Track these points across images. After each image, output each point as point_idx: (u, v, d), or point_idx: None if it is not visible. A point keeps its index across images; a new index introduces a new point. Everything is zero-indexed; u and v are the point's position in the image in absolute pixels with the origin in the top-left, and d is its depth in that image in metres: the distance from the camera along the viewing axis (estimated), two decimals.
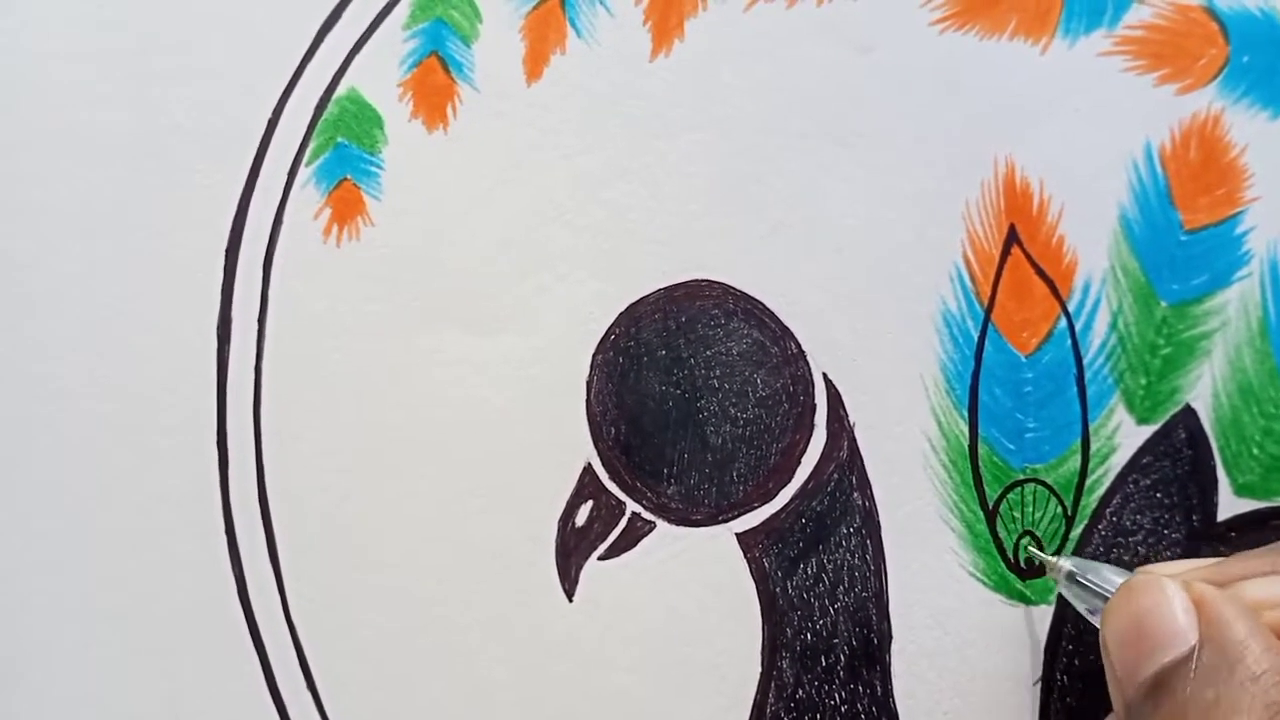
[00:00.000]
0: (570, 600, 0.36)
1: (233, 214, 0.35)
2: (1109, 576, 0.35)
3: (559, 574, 0.36)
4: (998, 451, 0.39)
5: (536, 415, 0.36)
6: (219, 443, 0.35)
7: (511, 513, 0.36)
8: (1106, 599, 0.34)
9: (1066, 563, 0.35)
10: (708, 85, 0.39)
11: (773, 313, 0.38)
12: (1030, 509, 0.39)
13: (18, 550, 0.33)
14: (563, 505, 0.36)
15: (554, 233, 0.37)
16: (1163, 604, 0.31)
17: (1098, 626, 0.34)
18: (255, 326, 0.35)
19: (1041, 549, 0.39)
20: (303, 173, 0.36)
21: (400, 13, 0.37)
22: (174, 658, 0.33)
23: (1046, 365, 0.39)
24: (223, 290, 0.35)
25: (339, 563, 0.35)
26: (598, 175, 0.38)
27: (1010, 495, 0.39)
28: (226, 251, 0.35)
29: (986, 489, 0.39)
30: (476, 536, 0.36)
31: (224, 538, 0.34)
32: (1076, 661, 0.38)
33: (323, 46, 0.36)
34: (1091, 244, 0.40)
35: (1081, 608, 0.35)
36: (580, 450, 0.37)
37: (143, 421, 0.34)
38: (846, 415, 0.38)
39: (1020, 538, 0.38)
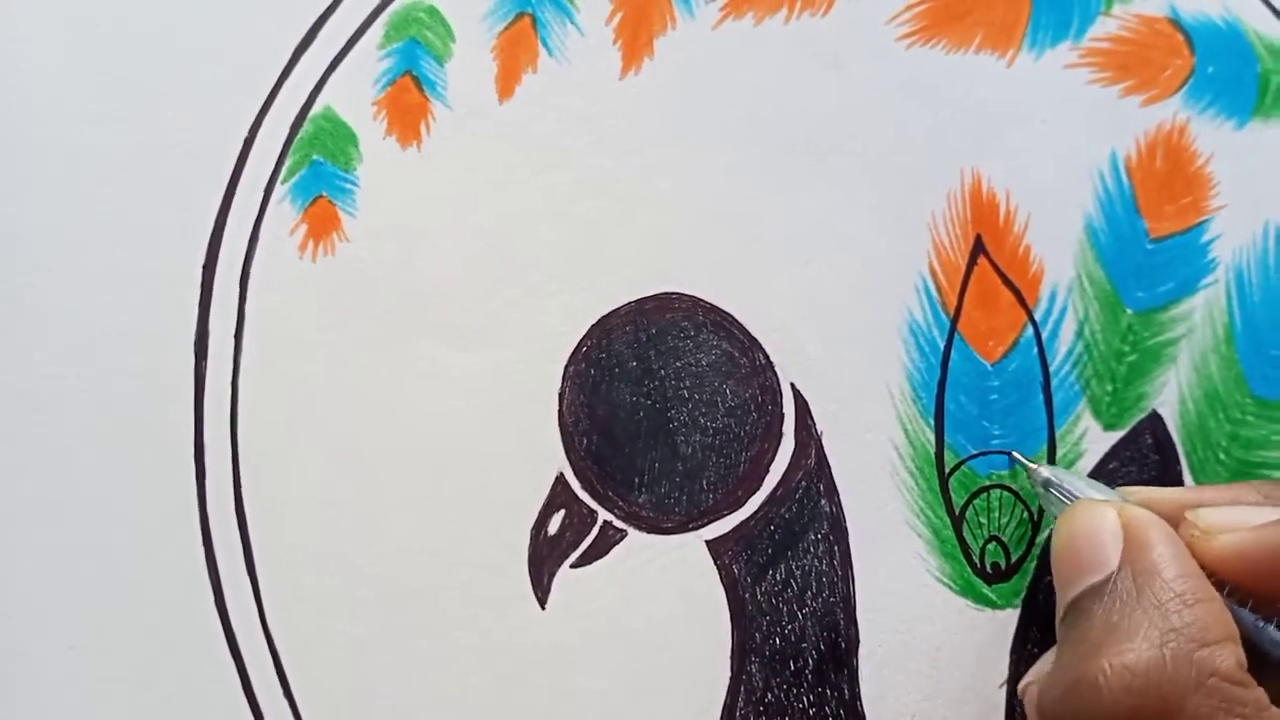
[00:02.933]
0: (543, 608, 0.36)
1: (210, 230, 0.35)
2: (1083, 489, 0.35)
3: (532, 582, 0.36)
4: (964, 458, 0.39)
5: (509, 426, 0.36)
6: (196, 456, 0.35)
7: (485, 522, 0.36)
8: None
9: (1045, 470, 0.36)
10: (678, 102, 0.38)
11: (741, 324, 0.38)
12: (997, 515, 0.39)
13: None
14: (535, 514, 0.36)
15: (526, 247, 0.37)
16: (1094, 527, 0.32)
17: None
18: (232, 341, 0.35)
19: (1008, 555, 0.39)
20: (279, 190, 0.36)
21: (375, 33, 0.37)
22: (152, 667, 0.34)
23: (1013, 373, 0.39)
24: (200, 306, 0.35)
25: (315, 572, 0.35)
26: (569, 190, 0.38)
27: (977, 501, 0.39)
28: (203, 267, 0.35)
29: (953, 495, 0.39)
30: (450, 545, 0.36)
31: (201, 548, 0.34)
32: None
33: (298, 66, 0.37)
34: (1058, 253, 0.40)
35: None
36: (553, 460, 0.37)
37: (120, 435, 0.34)
38: (814, 424, 0.38)
39: (986, 543, 0.39)
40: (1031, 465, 0.37)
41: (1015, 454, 0.38)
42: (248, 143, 0.36)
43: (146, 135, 0.36)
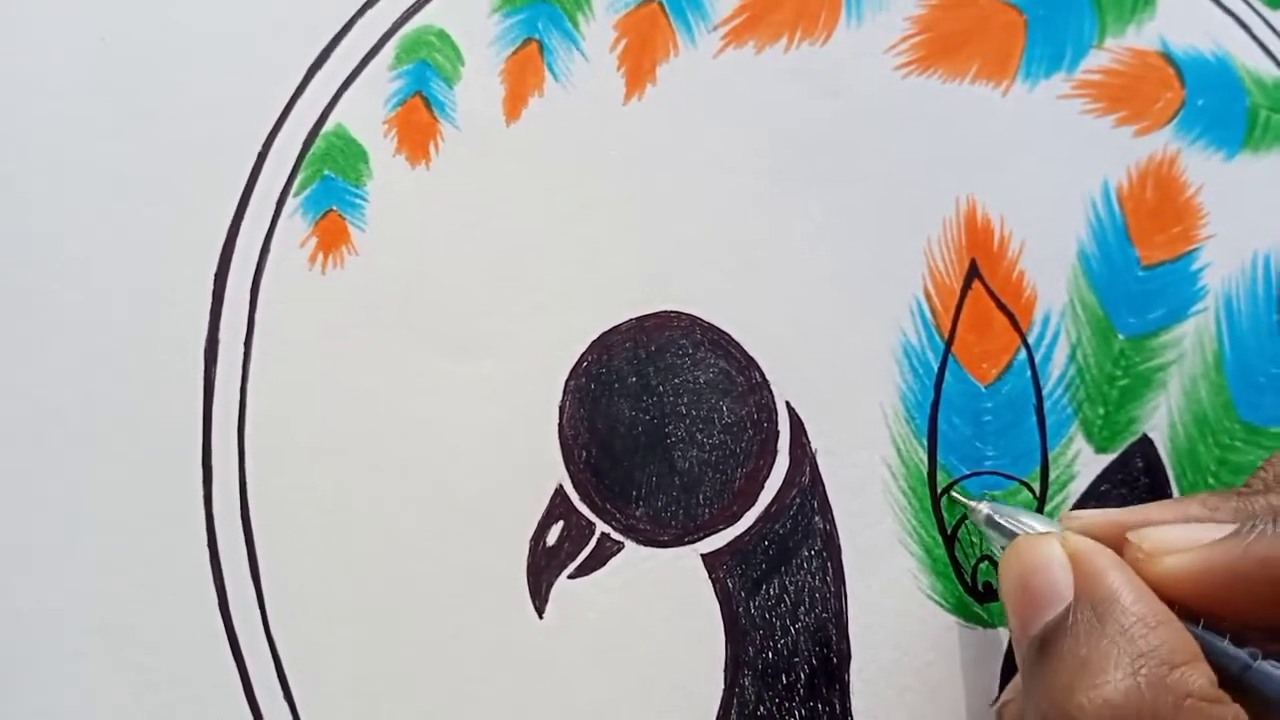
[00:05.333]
0: (540, 617, 0.37)
1: (223, 241, 0.37)
2: (1025, 522, 0.34)
3: (530, 592, 0.37)
4: (956, 478, 0.40)
5: (511, 438, 0.37)
6: (204, 461, 0.36)
7: (485, 531, 0.37)
8: None
9: (985, 507, 0.35)
10: (679, 127, 0.39)
11: (738, 343, 0.39)
12: None
13: (6, 562, 0.34)
14: (534, 525, 0.37)
15: (530, 264, 0.39)
16: (1043, 561, 0.31)
17: None
18: (242, 349, 0.36)
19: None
20: (290, 203, 0.37)
21: (386, 54, 0.39)
22: (157, 669, 0.34)
23: (1006, 395, 0.40)
24: (211, 314, 0.36)
25: (317, 578, 0.36)
26: (573, 210, 0.39)
27: (968, 521, 0.40)
28: (215, 276, 0.36)
29: (945, 515, 0.40)
30: (451, 554, 0.36)
31: (206, 552, 0.35)
32: None
33: (312, 84, 0.38)
34: (1051, 279, 0.41)
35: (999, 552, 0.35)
36: (552, 472, 0.37)
37: (131, 438, 0.35)
38: (809, 442, 0.39)
39: (978, 562, 0.39)
40: (971, 504, 0.36)
41: (955, 493, 0.39)
42: (261, 157, 0.37)
43: (165, 148, 0.37)
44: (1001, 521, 0.35)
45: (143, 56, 0.37)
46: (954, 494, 0.38)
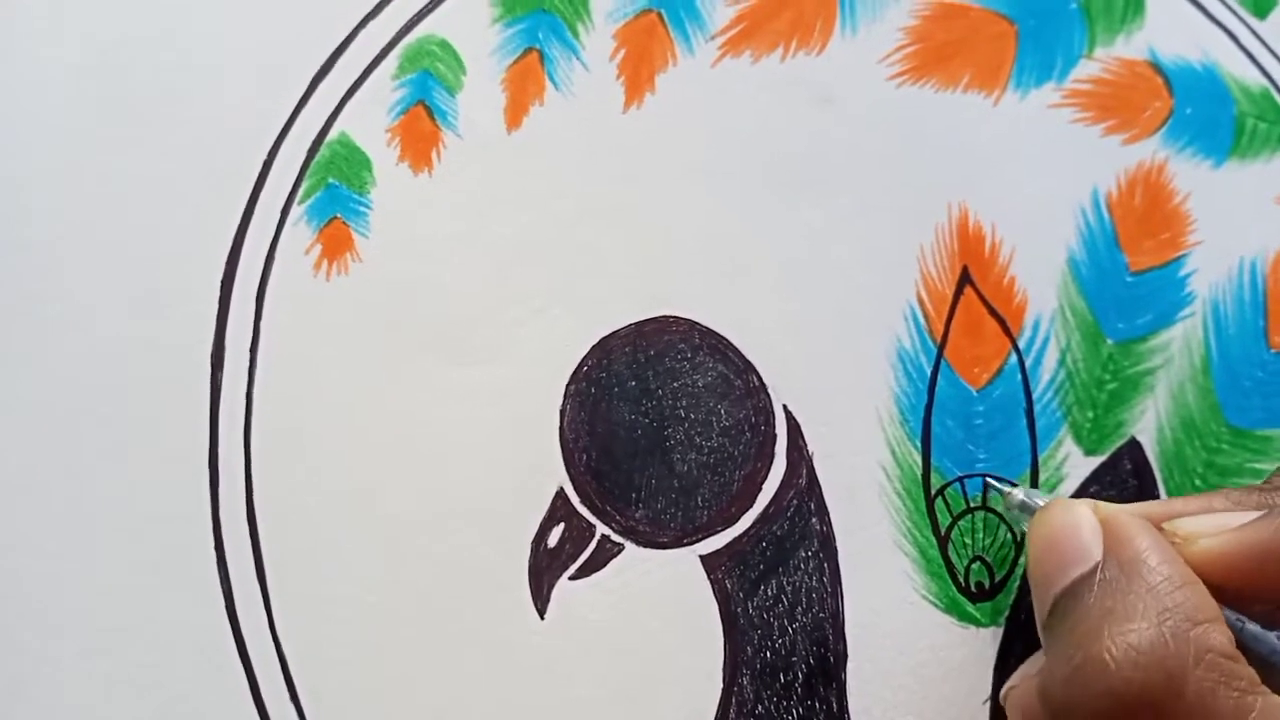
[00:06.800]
0: (542, 618, 0.37)
1: (229, 248, 0.37)
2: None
3: (532, 593, 0.37)
4: (949, 480, 0.41)
5: (513, 441, 0.38)
6: (210, 464, 0.36)
7: (488, 534, 0.37)
8: None
9: (1019, 492, 0.38)
10: (677, 135, 0.40)
11: (736, 348, 0.40)
12: (981, 535, 0.41)
13: (15, 565, 0.35)
14: (536, 527, 0.38)
15: (531, 270, 0.39)
16: (1072, 523, 0.34)
17: None
18: (248, 355, 0.37)
19: (992, 575, 0.41)
20: (295, 211, 0.38)
21: (389, 64, 0.39)
22: (164, 669, 0.35)
23: (997, 399, 0.41)
24: (217, 320, 0.37)
25: (323, 580, 0.36)
26: (573, 217, 0.40)
27: (961, 522, 0.40)
28: (222, 283, 0.37)
29: (939, 516, 0.41)
30: (455, 556, 0.37)
31: (214, 554, 0.36)
32: None
33: (316, 94, 0.38)
34: (1041, 284, 0.42)
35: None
36: (554, 475, 0.38)
37: (139, 442, 0.36)
38: (805, 445, 0.40)
39: (971, 563, 0.40)
40: (1005, 489, 0.38)
41: (989, 478, 0.40)
42: (266, 165, 0.38)
43: (172, 157, 0.37)
44: (1036, 502, 0.37)
45: (147, 67, 0.38)
46: (989, 480, 0.40)
